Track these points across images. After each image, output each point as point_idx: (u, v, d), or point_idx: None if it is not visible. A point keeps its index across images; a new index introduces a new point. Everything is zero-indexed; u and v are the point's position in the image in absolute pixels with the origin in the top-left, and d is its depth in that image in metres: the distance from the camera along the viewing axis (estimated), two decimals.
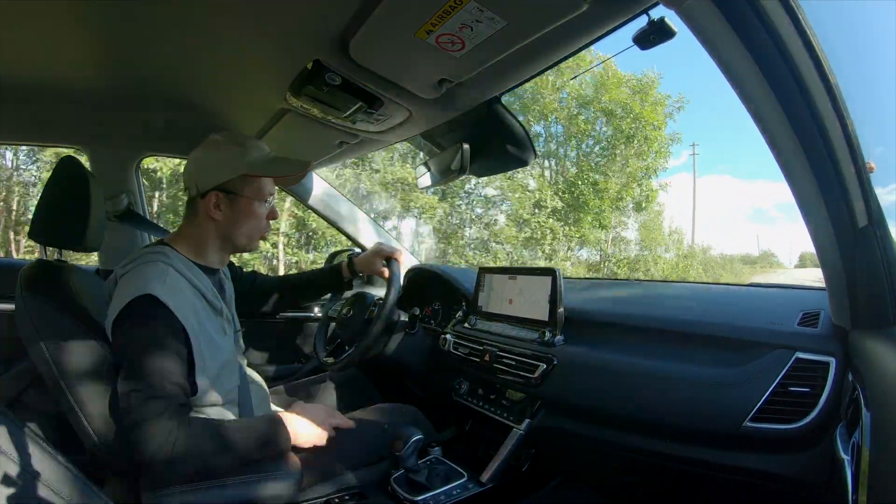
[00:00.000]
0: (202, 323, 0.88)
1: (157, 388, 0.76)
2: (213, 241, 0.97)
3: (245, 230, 0.97)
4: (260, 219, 0.98)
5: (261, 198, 0.97)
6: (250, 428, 0.85)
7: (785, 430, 0.74)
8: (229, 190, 0.94)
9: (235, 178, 0.94)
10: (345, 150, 1.39)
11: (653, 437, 0.90)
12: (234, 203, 0.94)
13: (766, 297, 1.01)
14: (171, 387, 0.78)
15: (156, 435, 0.73)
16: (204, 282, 0.92)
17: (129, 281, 0.83)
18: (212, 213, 0.93)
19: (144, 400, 0.74)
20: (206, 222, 0.95)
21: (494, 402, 1.22)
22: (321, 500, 0.99)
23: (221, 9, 0.73)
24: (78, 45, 0.86)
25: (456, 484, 1.04)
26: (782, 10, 0.52)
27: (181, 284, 0.86)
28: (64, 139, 1.45)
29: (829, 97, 0.58)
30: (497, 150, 1.11)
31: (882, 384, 0.53)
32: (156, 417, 0.74)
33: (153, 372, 0.76)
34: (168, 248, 0.91)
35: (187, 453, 0.75)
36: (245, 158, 0.94)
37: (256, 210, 0.97)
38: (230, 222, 0.95)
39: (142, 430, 0.73)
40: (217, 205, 0.93)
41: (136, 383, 0.76)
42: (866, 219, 0.65)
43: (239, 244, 0.99)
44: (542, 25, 0.67)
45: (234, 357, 0.96)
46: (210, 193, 0.93)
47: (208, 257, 0.97)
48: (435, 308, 1.60)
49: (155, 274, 0.83)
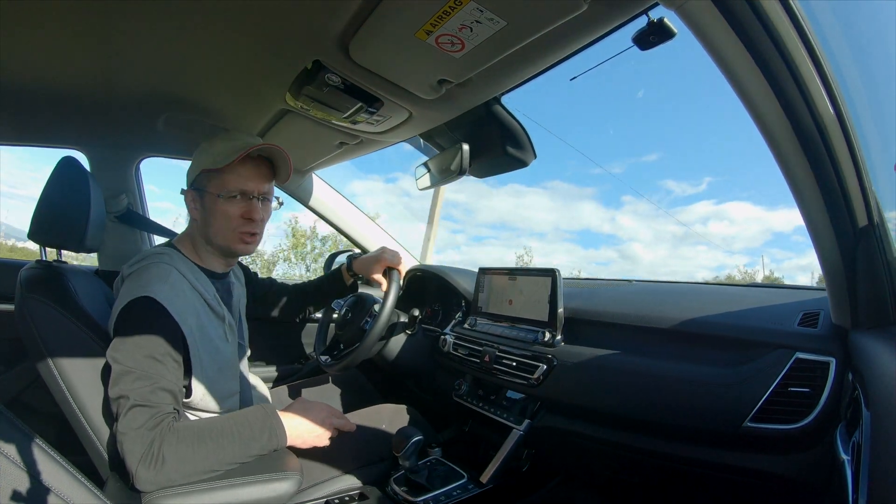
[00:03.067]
0: (203, 327, 0.88)
1: (144, 396, 0.74)
2: (199, 241, 0.96)
3: (216, 228, 0.92)
4: (229, 217, 0.91)
5: (225, 193, 0.91)
6: (241, 426, 0.82)
7: (785, 430, 0.74)
8: (197, 187, 0.93)
9: (200, 174, 0.92)
10: (345, 151, 1.39)
11: (653, 437, 0.90)
12: (203, 200, 0.93)
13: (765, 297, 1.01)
14: (160, 394, 0.76)
15: (135, 449, 0.72)
16: (206, 286, 0.92)
17: (132, 282, 0.83)
18: (191, 211, 0.94)
19: (130, 408, 0.74)
20: (192, 222, 0.96)
21: (494, 403, 1.22)
22: (321, 500, 0.99)
23: (221, 9, 0.73)
24: (78, 46, 0.86)
25: (456, 484, 1.04)
26: (782, 10, 0.52)
27: (183, 286, 0.86)
28: (64, 140, 1.45)
29: (829, 97, 0.58)
30: (497, 151, 1.11)
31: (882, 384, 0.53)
32: (138, 429, 0.73)
33: (143, 377, 0.75)
34: (173, 250, 0.92)
35: (173, 463, 0.73)
36: (210, 151, 0.92)
37: (221, 206, 0.91)
38: (203, 221, 0.94)
39: (125, 441, 0.73)
40: (193, 202, 0.93)
41: (124, 389, 0.75)
42: (866, 219, 0.65)
43: (215, 243, 0.94)
44: (542, 25, 0.67)
45: (234, 363, 0.96)
46: (187, 192, 0.94)
47: (206, 260, 0.97)
48: (435, 309, 1.60)
49: (157, 275, 0.83)
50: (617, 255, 73.97)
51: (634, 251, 74.30)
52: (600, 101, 34.03)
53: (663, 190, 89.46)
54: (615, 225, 79.01)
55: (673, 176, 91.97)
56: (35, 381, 1.35)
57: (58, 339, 0.83)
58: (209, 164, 0.91)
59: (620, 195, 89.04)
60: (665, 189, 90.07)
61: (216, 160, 0.90)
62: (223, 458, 0.78)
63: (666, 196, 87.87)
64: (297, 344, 1.74)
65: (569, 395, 1.02)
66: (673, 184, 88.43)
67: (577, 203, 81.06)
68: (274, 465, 0.84)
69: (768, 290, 1.12)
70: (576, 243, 67.80)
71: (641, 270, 72.35)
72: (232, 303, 1.02)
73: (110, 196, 1.48)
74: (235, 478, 0.79)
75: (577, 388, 1.01)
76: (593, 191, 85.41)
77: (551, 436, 1.08)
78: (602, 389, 0.96)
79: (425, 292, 1.68)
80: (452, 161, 1.20)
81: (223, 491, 0.77)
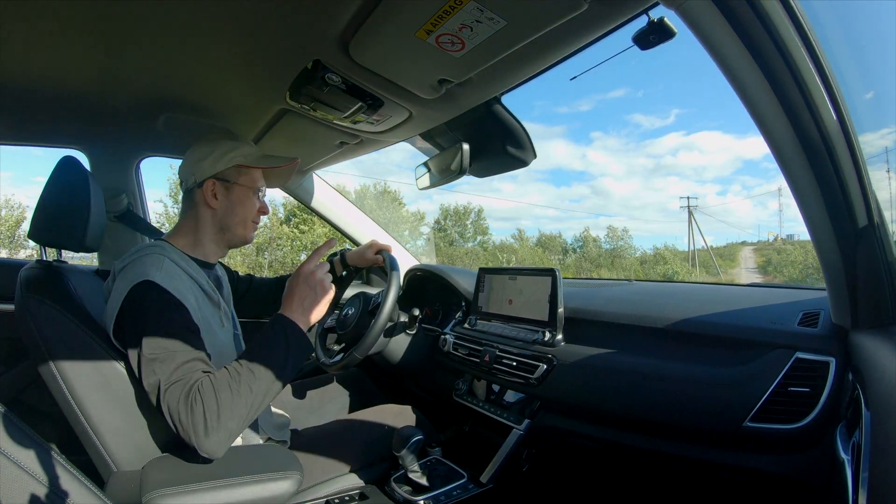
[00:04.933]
0: (201, 309, 0.89)
1: (173, 374, 0.75)
2: (209, 231, 0.98)
3: (240, 218, 1.00)
4: (252, 208, 1.02)
5: (253, 188, 1.01)
6: (259, 345, 0.83)
7: (785, 430, 0.74)
8: (225, 178, 0.97)
9: (231, 167, 0.97)
10: (345, 151, 1.39)
11: (653, 437, 0.90)
12: (229, 191, 0.98)
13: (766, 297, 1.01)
14: (188, 366, 0.77)
15: (184, 420, 0.73)
16: (200, 274, 0.93)
17: (127, 274, 0.84)
18: (209, 200, 0.96)
19: (166, 390, 0.74)
20: (204, 211, 0.97)
21: (494, 402, 1.22)
22: (321, 499, 0.99)
23: (221, 9, 0.73)
24: (78, 45, 0.86)
25: (456, 484, 1.04)
26: (782, 10, 0.52)
27: (178, 272, 0.87)
28: (64, 139, 1.45)
29: (829, 97, 0.58)
30: (497, 151, 1.11)
31: (882, 384, 0.53)
32: (177, 403, 0.73)
33: (166, 358, 0.76)
34: (164, 244, 0.93)
35: (224, 412, 0.74)
36: (239, 150, 0.99)
37: (250, 199, 1.01)
38: (226, 210, 0.98)
39: (174, 418, 0.73)
40: (214, 193, 0.96)
41: (155, 375, 0.75)
42: (866, 219, 0.65)
43: (236, 232, 1.01)
44: (542, 25, 0.67)
45: (231, 353, 0.96)
46: (207, 182, 0.96)
47: (204, 249, 0.99)
48: (435, 308, 1.60)
49: (151, 263, 0.84)
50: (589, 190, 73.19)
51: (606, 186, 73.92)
52: None
53: (632, 124, 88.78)
54: (586, 161, 79.39)
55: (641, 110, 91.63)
56: (35, 381, 1.35)
57: (58, 339, 0.83)
58: (241, 160, 0.98)
59: (590, 132, 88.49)
60: (633, 123, 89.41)
61: (261, 161, 1.01)
62: (262, 385, 0.79)
63: (635, 129, 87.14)
64: None
65: (569, 394, 1.03)
66: (641, 117, 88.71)
67: (547, 142, 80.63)
68: (274, 464, 0.84)
69: (768, 290, 1.12)
70: (548, 182, 67.69)
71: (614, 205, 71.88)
72: (223, 292, 1.03)
73: (110, 196, 1.48)
74: (235, 477, 0.79)
75: (576, 388, 1.01)
76: (562, 129, 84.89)
77: (551, 436, 1.08)
78: (602, 389, 0.96)
79: (425, 292, 1.68)
80: (452, 161, 1.20)
81: (223, 490, 0.77)
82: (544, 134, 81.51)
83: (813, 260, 22.37)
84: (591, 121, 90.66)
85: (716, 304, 0.98)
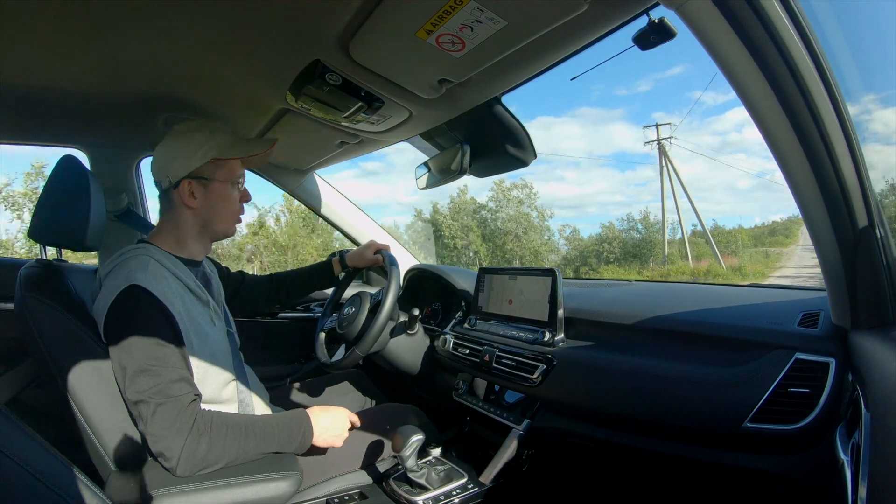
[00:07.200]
0: (189, 310, 0.89)
1: (163, 392, 0.76)
2: (191, 230, 0.97)
3: (222, 215, 0.98)
4: (234, 201, 1.00)
5: (232, 180, 0.98)
6: (280, 426, 0.88)
7: (785, 431, 0.74)
8: (201, 176, 0.94)
9: (205, 163, 0.94)
10: (345, 150, 1.39)
11: (652, 438, 0.90)
12: (207, 189, 0.95)
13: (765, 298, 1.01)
14: (178, 385, 0.78)
15: (174, 445, 0.75)
16: (185, 273, 0.92)
17: (112, 278, 0.83)
18: (187, 201, 0.94)
19: (156, 408, 0.75)
20: (183, 212, 0.95)
21: (494, 402, 1.22)
22: (321, 499, 0.99)
23: (221, 9, 0.73)
24: (78, 45, 0.86)
25: (456, 484, 1.04)
26: (782, 10, 0.52)
27: (164, 273, 0.87)
28: (64, 139, 1.45)
29: (829, 97, 0.58)
30: (497, 151, 1.11)
31: (882, 385, 0.53)
32: (170, 427, 0.75)
33: (155, 372, 0.77)
34: (148, 245, 0.92)
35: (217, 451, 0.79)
36: (212, 143, 0.95)
37: (230, 193, 0.98)
38: (206, 208, 0.96)
39: (161, 441, 0.75)
40: (191, 192, 0.94)
41: (142, 390, 0.76)
42: (866, 219, 0.65)
43: (218, 230, 1.00)
44: (542, 25, 0.67)
45: (226, 351, 0.96)
46: (182, 182, 0.93)
47: (189, 248, 0.97)
48: (435, 308, 1.60)
49: (136, 266, 0.84)
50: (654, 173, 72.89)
51: None
52: None
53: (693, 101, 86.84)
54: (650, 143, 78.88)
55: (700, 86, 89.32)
56: (35, 381, 1.35)
57: (58, 339, 0.83)
58: (224, 153, 0.95)
59: (651, 112, 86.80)
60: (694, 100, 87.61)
61: (236, 150, 0.97)
62: (258, 450, 0.84)
63: (697, 107, 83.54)
64: (297, 344, 1.74)
65: (568, 395, 1.02)
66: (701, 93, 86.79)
67: (608, 126, 78.10)
68: (274, 464, 0.84)
69: (768, 291, 1.12)
70: (612, 167, 65.24)
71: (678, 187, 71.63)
72: (212, 290, 1.02)
73: (110, 195, 1.48)
74: (235, 477, 0.79)
75: (576, 388, 1.01)
76: (623, 111, 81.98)
77: (551, 436, 1.08)
78: (602, 389, 0.96)
79: (425, 292, 1.68)
80: (452, 160, 1.20)
81: (223, 490, 0.77)
82: (606, 117, 79.05)
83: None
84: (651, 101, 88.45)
85: (716, 304, 0.98)
